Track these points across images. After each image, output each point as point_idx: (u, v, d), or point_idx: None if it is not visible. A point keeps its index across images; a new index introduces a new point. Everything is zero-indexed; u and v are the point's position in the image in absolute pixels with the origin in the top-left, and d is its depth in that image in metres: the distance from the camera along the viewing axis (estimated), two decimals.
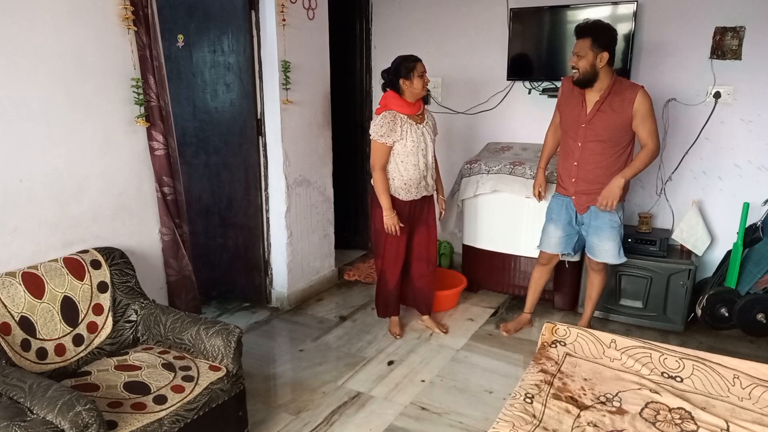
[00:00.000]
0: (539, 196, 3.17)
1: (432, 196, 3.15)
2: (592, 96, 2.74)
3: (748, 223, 3.13)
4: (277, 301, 3.68)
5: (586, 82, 2.69)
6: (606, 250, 2.91)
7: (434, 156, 3.07)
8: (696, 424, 1.78)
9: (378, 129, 2.86)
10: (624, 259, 2.96)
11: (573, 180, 2.88)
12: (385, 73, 2.93)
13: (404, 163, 2.92)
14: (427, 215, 3.15)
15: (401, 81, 2.86)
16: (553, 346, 2.24)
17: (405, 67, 2.85)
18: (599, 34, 2.62)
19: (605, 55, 2.62)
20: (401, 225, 2.97)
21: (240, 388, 2.21)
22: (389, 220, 2.93)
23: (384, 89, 2.97)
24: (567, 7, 3.59)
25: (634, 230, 3.42)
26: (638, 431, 1.74)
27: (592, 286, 3.10)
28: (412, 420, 2.49)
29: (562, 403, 1.87)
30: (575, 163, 2.85)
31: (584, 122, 2.77)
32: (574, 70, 2.70)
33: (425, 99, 3.02)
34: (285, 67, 3.31)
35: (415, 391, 2.70)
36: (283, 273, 3.63)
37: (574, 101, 2.82)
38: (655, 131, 2.69)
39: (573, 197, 2.91)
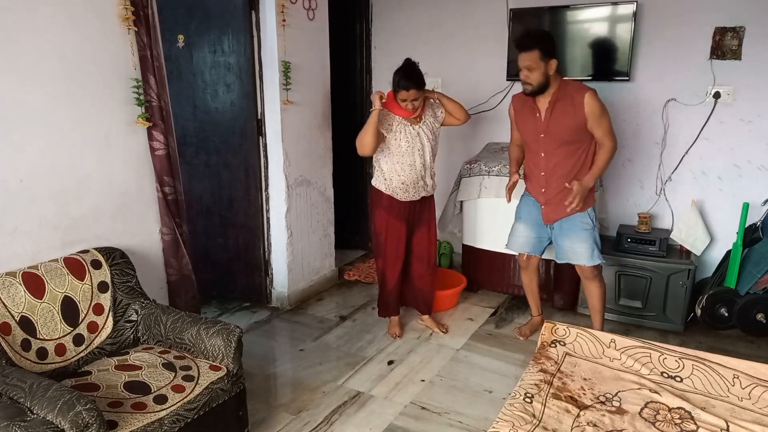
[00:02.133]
0: (509, 195, 2.98)
1: (432, 196, 3.15)
2: (543, 104, 2.73)
3: (748, 223, 3.13)
4: (277, 300, 3.68)
5: (539, 91, 2.69)
6: (578, 252, 2.83)
7: (434, 153, 3.06)
8: (696, 424, 1.78)
9: None
10: (599, 261, 2.85)
11: (543, 190, 2.85)
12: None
13: (401, 164, 2.93)
14: (427, 216, 3.15)
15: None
16: (553, 345, 2.24)
17: (395, 83, 2.84)
18: (545, 44, 2.63)
19: (554, 63, 2.63)
20: (396, 225, 2.98)
21: (240, 387, 2.21)
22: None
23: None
24: (567, 7, 3.59)
25: (634, 230, 3.42)
26: (638, 431, 1.75)
27: (591, 295, 2.96)
28: (412, 419, 2.49)
29: (562, 402, 1.88)
30: (542, 174, 2.82)
31: (542, 131, 2.75)
32: (526, 85, 2.68)
33: None
34: (285, 68, 3.31)
35: (415, 391, 2.71)
36: (283, 273, 3.63)
37: (527, 114, 2.81)
38: (610, 129, 2.68)
39: (543, 207, 2.88)
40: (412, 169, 2.95)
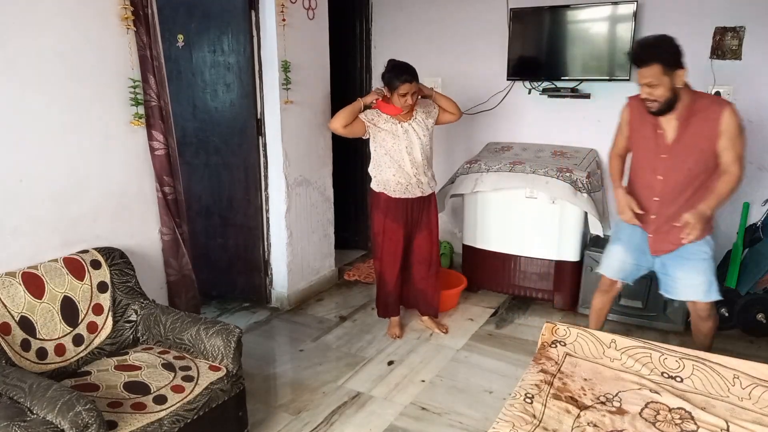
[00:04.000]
0: (633, 216, 2.44)
1: (431, 197, 3.14)
2: (669, 120, 2.30)
3: (748, 223, 3.13)
4: (277, 301, 3.67)
5: (667, 109, 2.25)
6: (692, 285, 2.41)
7: (429, 151, 3.06)
8: (696, 424, 1.78)
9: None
10: (718, 297, 2.41)
11: (653, 217, 2.43)
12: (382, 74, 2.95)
13: (390, 168, 2.96)
14: (427, 219, 3.14)
15: (386, 88, 2.92)
16: (553, 346, 2.24)
17: (391, 81, 2.86)
18: (667, 54, 2.16)
19: (682, 73, 2.18)
20: (397, 226, 3.00)
21: (240, 388, 2.21)
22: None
23: None
24: (567, 7, 3.59)
25: None
26: (638, 431, 1.74)
27: (700, 333, 2.54)
28: (412, 420, 2.49)
29: (562, 403, 1.88)
30: (656, 199, 2.40)
31: (665, 152, 2.33)
32: (651, 103, 2.24)
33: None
34: (285, 67, 3.30)
35: (415, 391, 2.71)
36: (283, 273, 3.63)
37: (646, 128, 2.38)
38: (741, 155, 2.27)
39: (651, 236, 2.46)
40: (401, 167, 2.95)
